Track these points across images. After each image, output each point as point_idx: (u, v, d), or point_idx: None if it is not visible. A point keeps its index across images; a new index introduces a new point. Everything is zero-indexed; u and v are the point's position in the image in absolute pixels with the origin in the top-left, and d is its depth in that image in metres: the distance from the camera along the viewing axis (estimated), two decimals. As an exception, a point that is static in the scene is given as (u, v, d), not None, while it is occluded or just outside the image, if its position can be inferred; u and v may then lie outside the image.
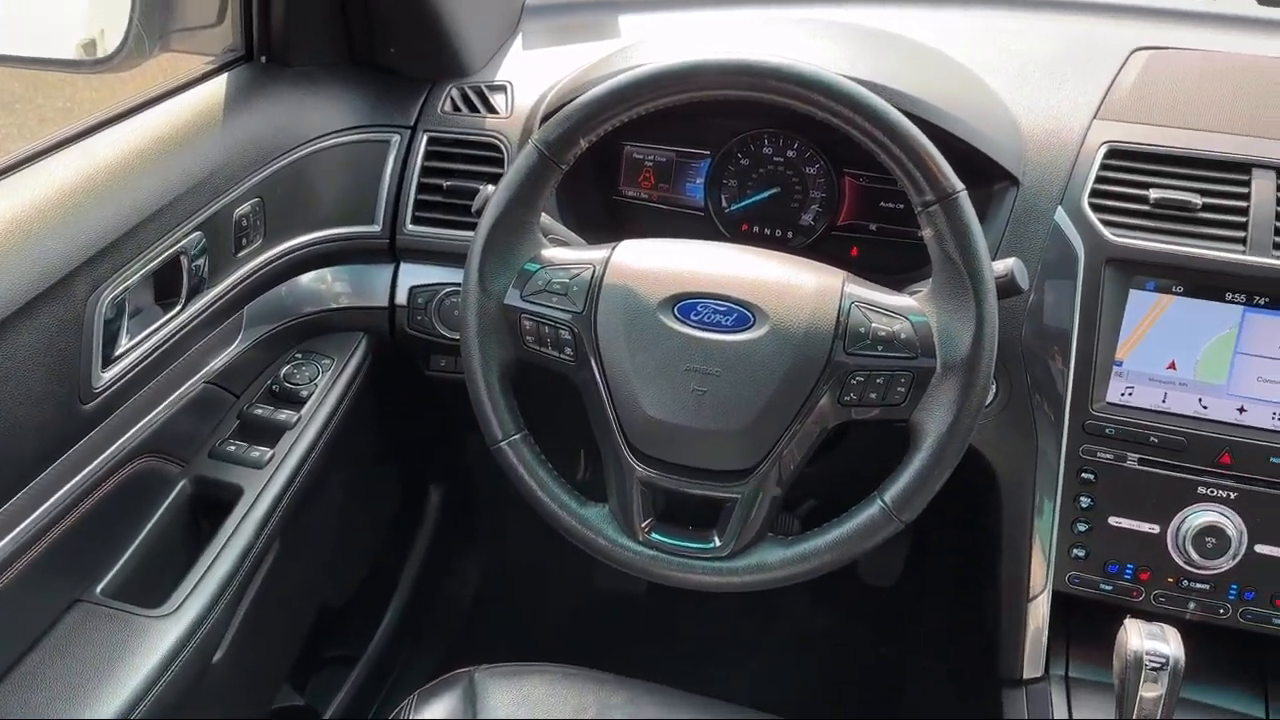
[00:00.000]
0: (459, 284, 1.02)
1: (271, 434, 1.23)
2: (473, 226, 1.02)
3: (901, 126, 0.92)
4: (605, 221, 1.32)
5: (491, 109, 1.31)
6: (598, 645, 1.82)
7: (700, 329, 0.96)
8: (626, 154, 1.32)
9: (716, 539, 0.98)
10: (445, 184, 1.29)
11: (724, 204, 1.30)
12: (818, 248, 1.27)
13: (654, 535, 0.99)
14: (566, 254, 1.02)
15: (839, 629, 1.84)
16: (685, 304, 0.96)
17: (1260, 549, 1.07)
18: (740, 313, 0.96)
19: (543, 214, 1.04)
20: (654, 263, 0.99)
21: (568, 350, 0.99)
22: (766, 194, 1.28)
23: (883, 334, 0.94)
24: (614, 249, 1.01)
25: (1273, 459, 1.06)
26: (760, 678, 1.74)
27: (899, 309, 0.95)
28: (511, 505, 1.13)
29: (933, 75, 1.20)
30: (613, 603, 1.88)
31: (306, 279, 1.32)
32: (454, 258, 1.27)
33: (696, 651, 1.77)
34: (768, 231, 1.29)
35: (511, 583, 1.89)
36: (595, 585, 1.87)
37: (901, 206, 1.23)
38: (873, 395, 0.94)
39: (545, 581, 1.87)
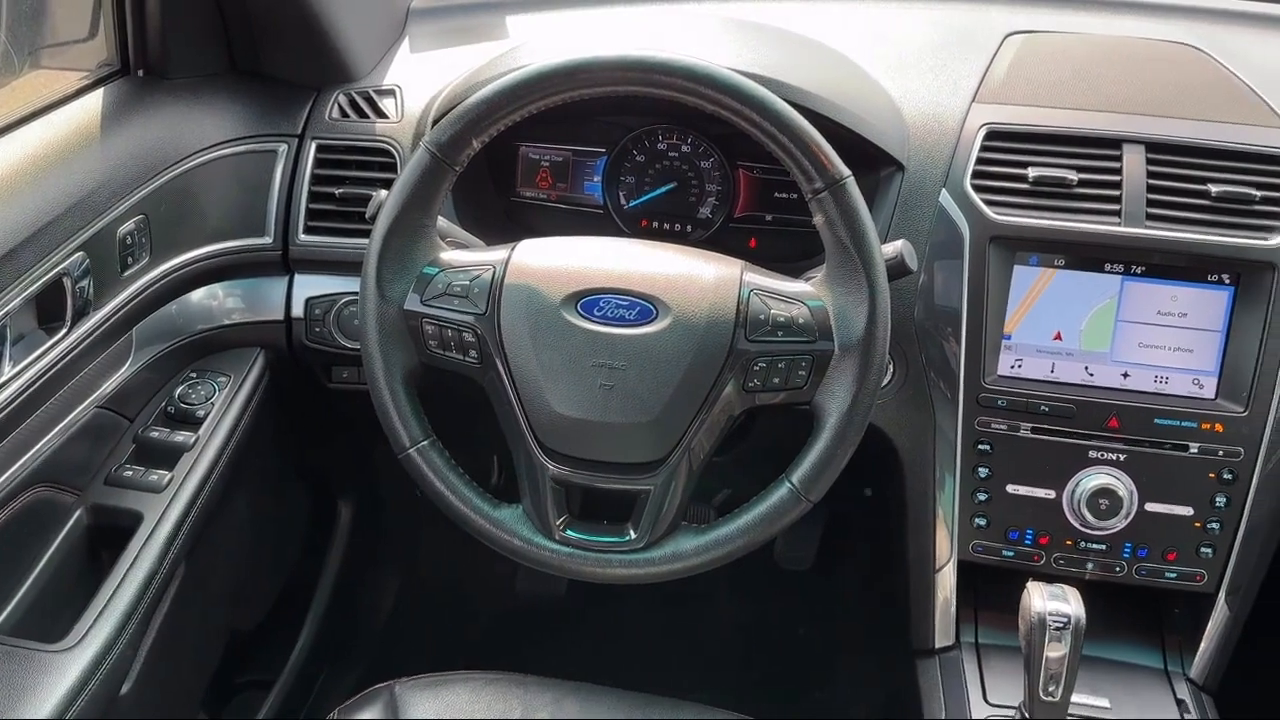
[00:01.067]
0: (357, 293, 1.00)
1: (169, 457, 1.19)
2: (368, 234, 1.00)
3: (788, 117, 0.94)
4: (504, 223, 1.32)
5: (381, 113, 1.30)
6: (522, 650, 1.81)
7: (604, 324, 0.96)
8: (522, 155, 1.32)
9: (632, 532, 0.98)
10: (337, 192, 1.26)
11: (622, 201, 1.31)
12: (717, 240, 1.29)
13: (569, 532, 0.99)
14: (466, 256, 1.01)
15: (759, 615, 1.87)
16: (588, 300, 0.97)
17: (1150, 507, 1.12)
18: (643, 306, 0.97)
19: (439, 217, 1.03)
20: (554, 260, 0.99)
21: (472, 353, 0.98)
22: (663, 189, 1.29)
23: (782, 320, 0.95)
24: (513, 249, 1.01)
25: (1157, 420, 1.11)
26: (685, 667, 1.76)
27: (796, 295, 0.97)
28: (425, 514, 1.12)
29: (817, 67, 1.22)
30: (535, 606, 1.87)
31: (197, 296, 1.28)
32: (350, 266, 1.25)
33: (621, 647, 1.78)
34: (667, 226, 1.31)
35: (430, 593, 1.86)
36: (516, 589, 1.86)
37: (795, 196, 1.25)
38: (775, 380, 0.96)
39: (465, 589, 1.85)
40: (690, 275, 0.98)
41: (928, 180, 1.16)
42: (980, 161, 1.15)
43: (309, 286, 1.28)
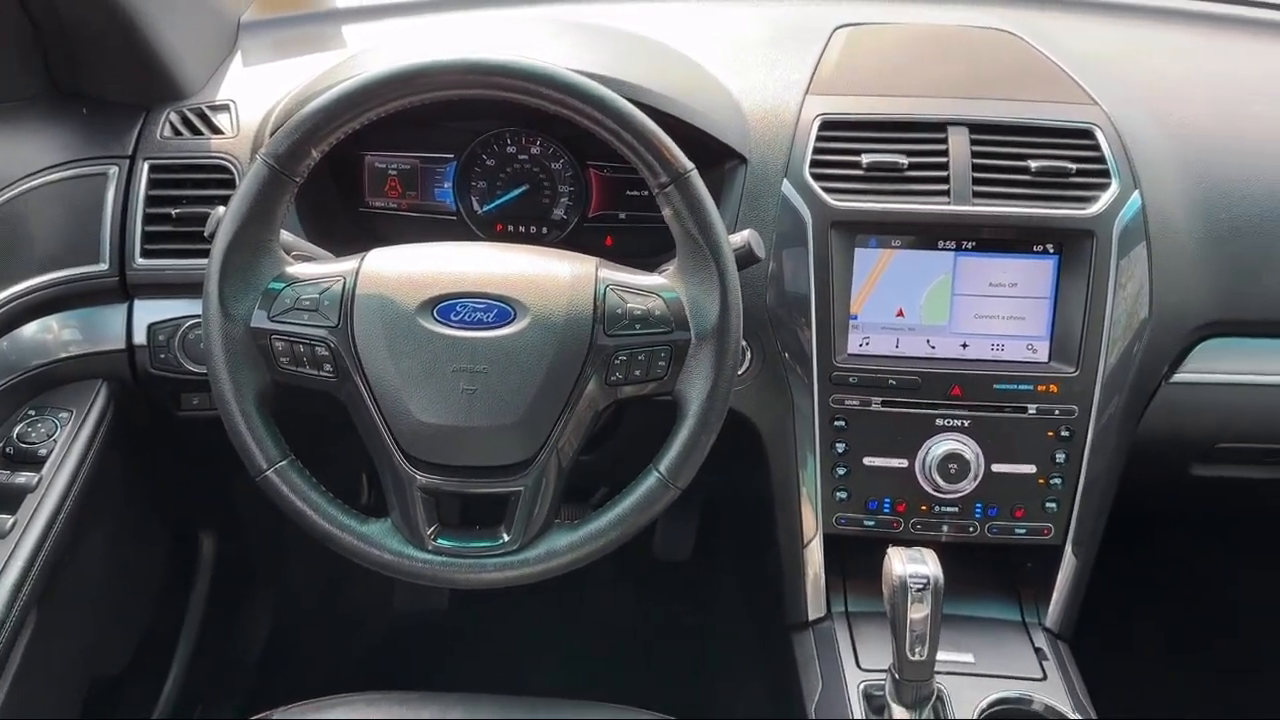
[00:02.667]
0: (201, 315, 0.97)
1: (10, 500, 1.12)
2: (209, 253, 0.97)
3: (629, 114, 0.96)
4: (355, 235, 1.29)
5: (216, 129, 1.26)
6: (406, 668, 1.78)
7: (462, 328, 0.96)
8: (368, 164, 1.30)
9: (505, 534, 0.98)
10: (174, 212, 1.22)
11: (475, 206, 1.30)
12: (573, 240, 1.30)
13: (441, 541, 0.98)
14: (313, 269, 0.99)
15: (642, 608, 1.89)
16: (444, 305, 0.96)
17: (996, 468, 1.18)
18: (500, 308, 0.97)
19: (283, 231, 1.01)
20: (407, 267, 0.98)
21: (326, 367, 0.96)
22: (516, 193, 1.29)
23: (638, 313, 0.97)
24: (363, 258, 0.99)
25: (996, 386, 1.18)
26: (573, 667, 1.76)
27: (651, 288, 0.99)
28: (292, 538, 1.10)
29: (656, 66, 1.25)
30: (416, 622, 1.84)
31: (30, 330, 1.22)
32: (193, 288, 1.20)
33: (508, 654, 1.77)
34: (522, 229, 1.31)
35: (305, 620, 1.81)
36: (395, 608, 1.83)
37: (646, 193, 1.27)
38: (637, 372, 0.98)
39: (341, 613, 1.81)
40: (546, 275, 0.98)
41: (770, 171, 1.20)
42: (817, 151, 1.19)
43: (150, 312, 1.23)
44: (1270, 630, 1.85)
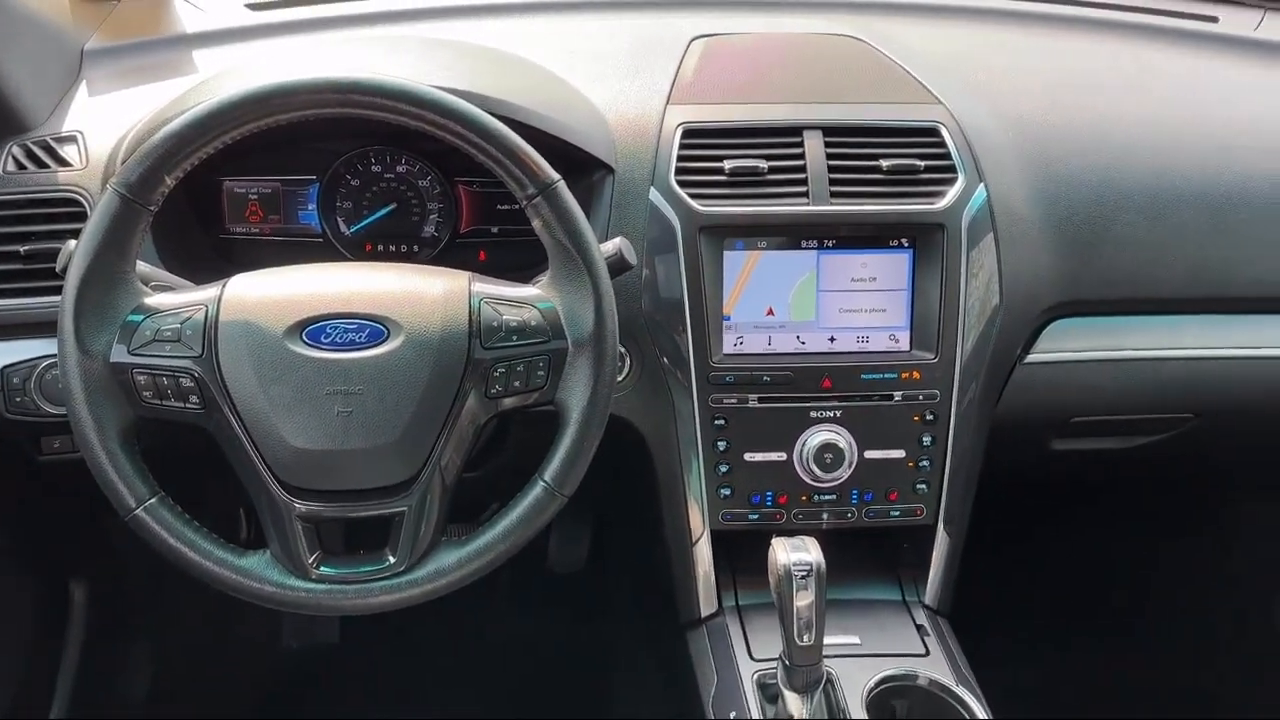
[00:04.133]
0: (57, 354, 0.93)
1: None
2: (62, 289, 0.94)
3: (492, 128, 0.96)
4: (218, 264, 1.26)
5: (63, 162, 1.21)
6: (299, 707, 1.73)
7: (334, 350, 0.95)
8: (227, 189, 1.27)
9: (390, 556, 0.97)
10: (23, 249, 1.17)
11: (341, 227, 1.29)
12: (446, 257, 1.30)
13: (324, 569, 0.96)
14: (173, 298, 0.97)
15: (541, 622, 1.89)
16: (313, 328, 0.95)
17: (869, 454, 1.23)
18: (372, 328, 0.96)
19: (140, 262, 0.98)
20: (272, 291, 0.97)
21: (193, 399, 0.94)
22: (383, 212, 1.28)
23: (514, 324, 0.98)
24: (225, 285, 0.97)
25: (863, 376, 1.22)
26: (473, 688, 1.75)
27: (525, 299, 1.00)
28: (170, 580, 1.06)
29: (518, 80, 1.26)
30: (308, 658, 1.80)
31: None
32: (47, 327, 1.14)
33: (407, 681, 1.74)
34: (392, 248, 1.30)
35: (190, 664, 1.75)
36: (284, 645, 1.78)
37: (516, 207, 1.27)
38: (516, 384, 0.98)
39: (228, 653, 1.75)
40: (418, 291, 0.98)
41: (637, 180, 1.22)
42: (681, 159, 1.22)
43: (3, 354, 1.17)
44: (1137, 590, 1.96)
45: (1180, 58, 1.51)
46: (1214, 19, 1.59)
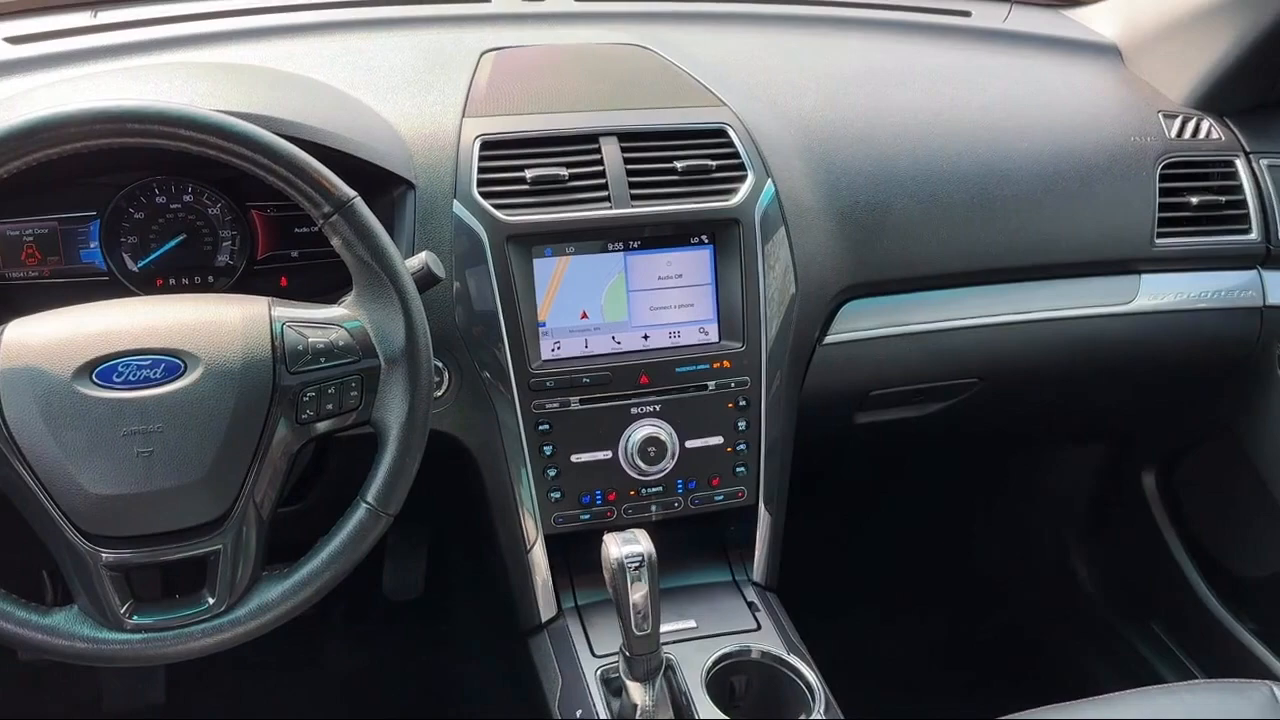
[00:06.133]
0: None
1: None
2: None
3: (279, 148, 0.94)
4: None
5: None
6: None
7: (128, 389, 0.90)
8: None
9: (210, 598, 0.94)
10: None
11: (128, 263, 1.22)
12: (245, 285, 1.26)
13: (138, 618, 0.92)
14: None
15: (382, 652, 1.85)
16: (104, 367, 0.90)
17: (690, 444, 1.27)
18: (168, 362, 0.92)
19: None
20: (56, 333, 0.92)
21: None
22: (171, 244, 1.23)
23: (321, 346, 0.96)
24: (2, 332, 0.91)
25: (678, 369, 1.27)
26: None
27: (331, 319, 0.98)
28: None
29: (305, 99, 1.23)
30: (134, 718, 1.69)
31: None
32: None
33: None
34: (185, 281, 1.25)
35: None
36: (104, 711, 1.67)
37: (315, 229, 1.25)
38: (329, 406, 0.97)
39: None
40: (215, 321, 0.95)
41: (439, 193, 1.22)
42: (482, 170, 1.23)
43: None
44: (947, 549, 2.11)
45: (940, 51, 1.64)
46: (967, 13, 1.73)
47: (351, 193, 0.97)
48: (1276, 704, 1.13)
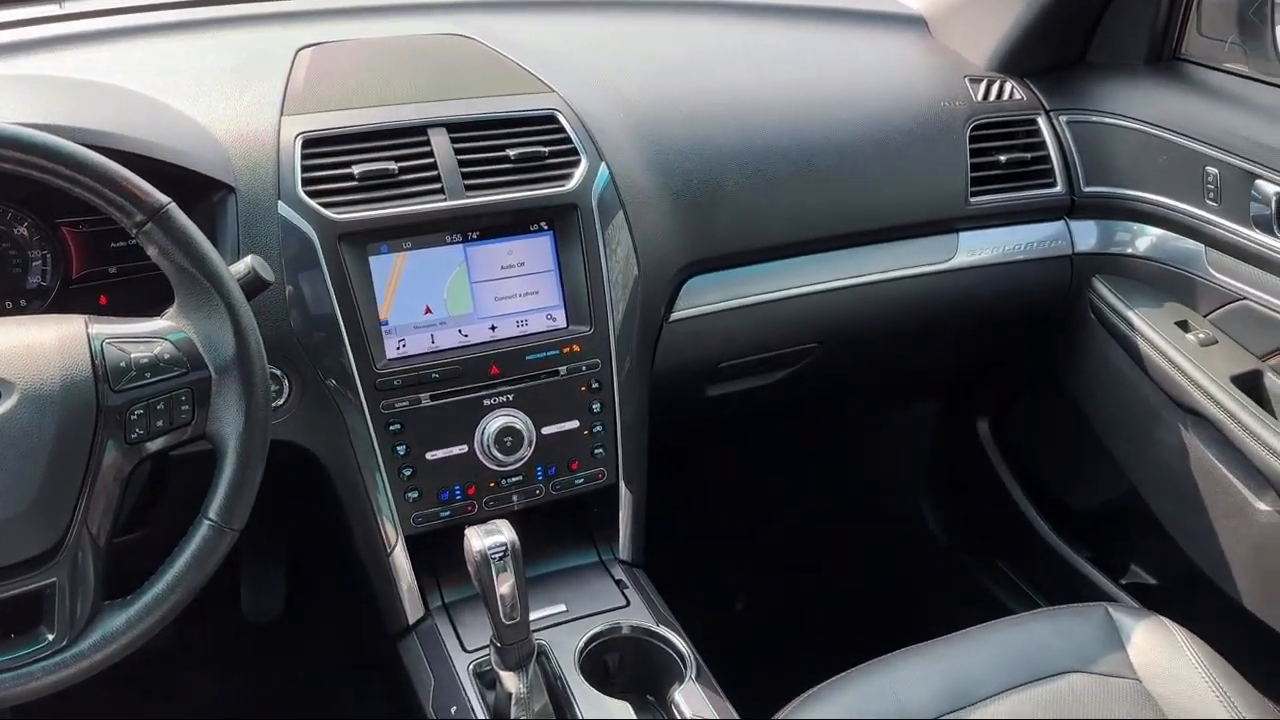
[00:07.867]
0: None
1: None
2: None
3: (84, 157, 0.90)
4: None
5: None
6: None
7: None
8: None
9: (49, 633, 0.89)
10: None
11: (-76, 293, 1.14)
12: (61, 306, 1.18)
13: None
14: None
15: (247, 675, 1.78)
16: None
17: (546, 431, 1.27)
18: None
19: None
20: None
21: None
22: None
23: (144, 361, 0.92)
24: None
25: (528, 357, 1.26)
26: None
27: (154, 333, 0.94)
28: None
29: (107, 106, 1.17)
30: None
31: None
32: None
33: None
34: (-8, 307, 1.17)
35: None
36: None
37: (131, 242, 1.19)
38: (159, 423, 0.92)
39: None
40: (27, 344, 0.90)
41: (262, 195, 1.18)
42: (306, 169, 1.19)
43: None
44: (801, 509, 2.18)
45: (760, 29, 1.69)
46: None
47: (164, 199, 0.93)
48: (1112, 623, 1.22)
